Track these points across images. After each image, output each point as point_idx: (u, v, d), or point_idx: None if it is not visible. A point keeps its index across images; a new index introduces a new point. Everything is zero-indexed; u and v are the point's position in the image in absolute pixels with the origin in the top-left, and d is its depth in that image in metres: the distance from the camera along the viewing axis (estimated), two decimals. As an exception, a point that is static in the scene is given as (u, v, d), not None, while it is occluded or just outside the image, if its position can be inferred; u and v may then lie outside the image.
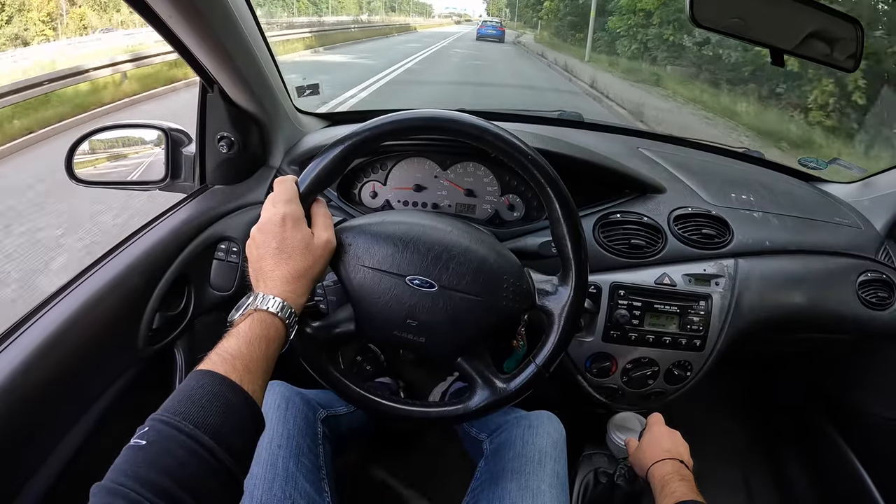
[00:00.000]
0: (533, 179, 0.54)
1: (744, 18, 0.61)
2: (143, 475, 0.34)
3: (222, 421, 0.39)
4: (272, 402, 0.68)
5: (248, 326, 0.46)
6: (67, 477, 0.60)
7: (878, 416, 0.98)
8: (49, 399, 0.57)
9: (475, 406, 0.58)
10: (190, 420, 0.38)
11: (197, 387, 0.40)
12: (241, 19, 0.68)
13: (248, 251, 0.53)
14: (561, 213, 0.55)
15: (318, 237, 0.53)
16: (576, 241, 0.55)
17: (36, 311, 0.60)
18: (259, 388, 0.44)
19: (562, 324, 0.57)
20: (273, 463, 0.61)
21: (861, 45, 0.61)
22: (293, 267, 0.50)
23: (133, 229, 0.74)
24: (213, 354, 0.44)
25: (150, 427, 0.38)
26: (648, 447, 0.69)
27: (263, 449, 0.62)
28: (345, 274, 0.56)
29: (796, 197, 0.97)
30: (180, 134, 0.87)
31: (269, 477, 0.59)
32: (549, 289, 0.58)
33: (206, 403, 0.39)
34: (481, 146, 0.54)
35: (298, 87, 0.96)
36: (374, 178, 0.88)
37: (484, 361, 0.59)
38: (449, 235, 0.57)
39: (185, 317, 0.75)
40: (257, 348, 0.45)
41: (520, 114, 1.09)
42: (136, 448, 0.36)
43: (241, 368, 0.43)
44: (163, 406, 0.40)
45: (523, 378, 0.57)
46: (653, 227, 0.81)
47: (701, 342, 0.79)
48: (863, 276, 0.87)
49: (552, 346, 0.57)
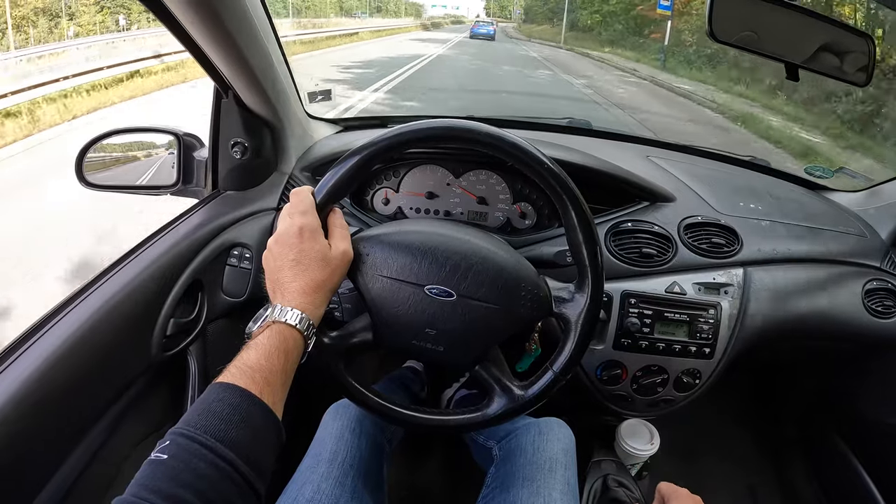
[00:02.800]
0: (549, 187, 0.55)
1: (757, 32, 0.62)
2: (164, 489, 0.35)
3: (243, 434, 0.39)
4: (346, 423, 0.70)
5: (267, 338, 0.46)
6: (83, 482, 0.60)
7: (885, 423, 0.99)
8: (64, 405, 0.57)
9: (493, 413, 0.58)
10: (211, 433, 0.38)
11: (217, 400, 0.41)
12: (259, 24, 0.69)
13: (264, 263, 0.53)
14: (577, 221, 0.55)
15: (335, 248, 0.53)
16: (592, 249, 0.56)
17: (51, 317, 0.60)
18: (279, 400, 0.44)
19: (579, 331, 0.57)
20: (342, 481, 0.62)
21: (873, 59, 0.62)
22: (311, 278, 0.50)
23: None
24: (231, 367, 0.43)
25: (170, 441, 0.38)
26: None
27: (336, 467, 0.64)
28: (363, 284, 0.56)
29: (803, 205, 0.97)
30: (192, 139, 0.87)
31: (336, 493, 0.61)
32: (566, 296, 0.58)
33: (227, 416, 0.39)
34: (497, 155, 0.55)
35: (310, 92, 0.96)
36: (386, 184, 0.88)
37: (501, 368, 0.60)
38: (466, 244, 0.58)
39: (197, 323, 0.75)
40: (276, 361, 0.45)
41: (529, 121, 1.10)
42: (156, 462, 0.36)
43: (261, 381, 0.43)
44: (183, 419, 0.40)
45: (541, 385, 0.58)
46: (663, 236, 0.82)
47: (710, 350, 0.80)
48: (869, 285, 0.88)
49: (569, 352, 0.57)
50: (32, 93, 6.08)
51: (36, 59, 8.29)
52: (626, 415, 0.88)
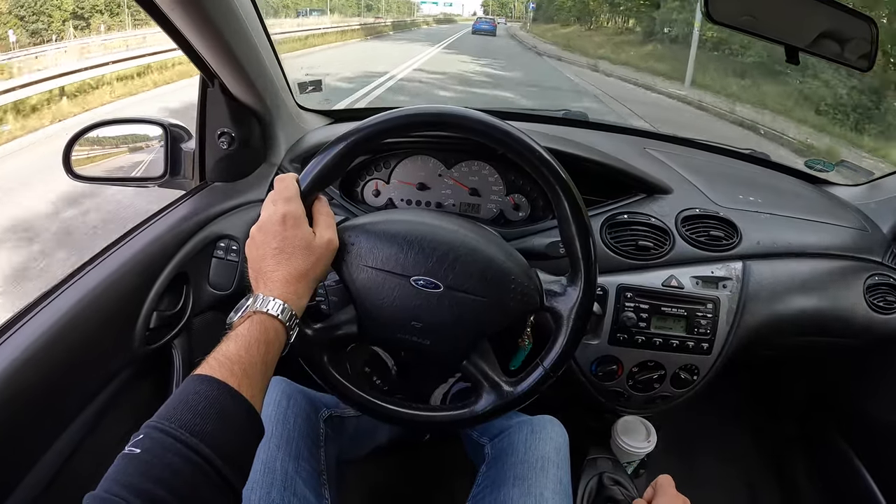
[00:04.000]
0: (541, 177, 0.53)
1: (757, 16, 0.60)
2: (136, 484, 0.33)
3: (220, 428, 0.38)
4: (272, 398, 0.66)
5: (248, 329, 0.45)
6: (62, 477, 0.58)
7: (885, 421, 0.97)
8: (44, 399, 0.55)
9: (482, 410, 0.57)
10: (186, 427, 0.37)
11: (193, 392, 0.39)
12: (244, 12, 0.67)
13: (247, 251, 0.52)
14: (570, 212, 0.53)
15: (319, 236, 0.52)
16: (585, 241, 0.54)
17: (30, 309, 0.58)
18: (258, 392, 0.43)
19: (570, 325, 0.55)
20: (271, 466, 0.59)
21: (875, 44, 0.60)
22: (294, 267, 0.49)
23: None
24: (210, 359, 0.42)
25: (144, 435, 0.36)
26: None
27: (261, 450, 0.60)
28: (347, 274, 0.55)
29: (803, 199, 0.96)
30: (180, 130, 0.85)
31: (268, 481, 0.58)
32: (558, 290, 0.56)
33: (203, 410, 0.38)
34: (488, 143, 0.53)
35: (301, 83, 0.94)
36: (377, 176, 0.87)
37: (490, 364, 0.58)
38: (455, 235, 0.56)
39: (182, 316, 0.74)
40: (256, 352, 0.44)
41: (524, 112, 1.08)
42: (129, 456, 0.35)
43: (240, 373, 0.41)
44: (158, 413, 0.38)
45: (531, 381, 0.56)
46: (660, 229, 0.80)
47: (708, 345, 0.78)
48: (870, 280, 0.86)
49: (560, 348, 0.55)
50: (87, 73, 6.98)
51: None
52: (622, 412, 0.86)
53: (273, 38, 0.79)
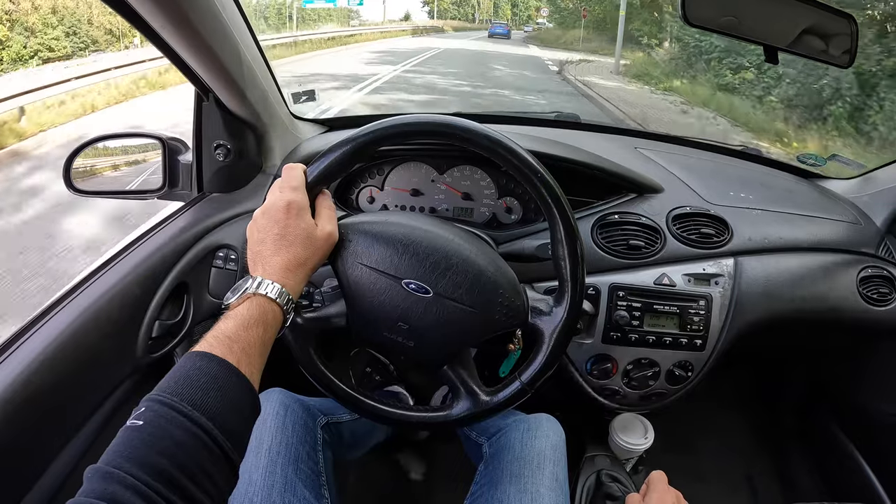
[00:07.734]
0: (540, 198, 0.55)
1: (737, 17, 0.61)
2: (139, 457, 0.34)
3: (220, 403, 0.38)
4: (270, 409, 0.68)
5: (247, 310, 0.46)
6: (68, 487, 0.60)
7: (882, 412, 0.97)
8: (49, 409, 0.57)
9: (456, 415, 0.58)
10: (187, 400, 0.37)
11: (193, 368, 0.40)
12: (234, 27, 0.68)
13: (248, 233, 0.53)
14: (564, 235, 0.55)
15: (321, 229, 0.53)
16: (574, 265, 0.56)
17: (35, 322, 0.60)
18: (256, 371, 0.44)
19: (551, 345, 0.57)
20: (272, 470, 0.61)
21: (855, 40, 0.61)
22: (293, 255, 0.50)
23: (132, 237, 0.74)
24: (209, 336, 0.43)
25: (146, 407, 0.37)
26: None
27: (262, 457, 0.62)
28: (342, 269, 0.56)
29: (795, 194, 0.96)
30: (177, 143, 0.87)
31: (269, 484, 0.59)
32: (544, 308, 0.58)
33: (204, 385, 0.38)
34: (494, 159, 0.54)
35: (294, 93, 0.96)
36: (371, 183, 0.88)
37: (469, 372, 0.59)
38: (450, 244, 0.57)
39: (184, 325, 0.76)
40: (255, 332, 0.44)
41: (516, 115, 1.09)
42: (132, 429, 0.35)
43: (239, 351, 0.42)
44: (158, 386, 0.39)
45: (507, 393, 0.58)
46: (651, 228, 0.81)
47: (702, 342, 0.79)
48: (863, 272, 0.86)
49: (539, 365, 0.57)
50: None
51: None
52: (619, 409, 0.87)
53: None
